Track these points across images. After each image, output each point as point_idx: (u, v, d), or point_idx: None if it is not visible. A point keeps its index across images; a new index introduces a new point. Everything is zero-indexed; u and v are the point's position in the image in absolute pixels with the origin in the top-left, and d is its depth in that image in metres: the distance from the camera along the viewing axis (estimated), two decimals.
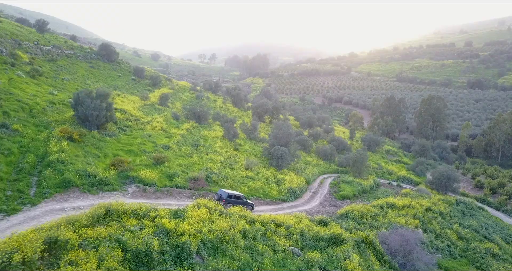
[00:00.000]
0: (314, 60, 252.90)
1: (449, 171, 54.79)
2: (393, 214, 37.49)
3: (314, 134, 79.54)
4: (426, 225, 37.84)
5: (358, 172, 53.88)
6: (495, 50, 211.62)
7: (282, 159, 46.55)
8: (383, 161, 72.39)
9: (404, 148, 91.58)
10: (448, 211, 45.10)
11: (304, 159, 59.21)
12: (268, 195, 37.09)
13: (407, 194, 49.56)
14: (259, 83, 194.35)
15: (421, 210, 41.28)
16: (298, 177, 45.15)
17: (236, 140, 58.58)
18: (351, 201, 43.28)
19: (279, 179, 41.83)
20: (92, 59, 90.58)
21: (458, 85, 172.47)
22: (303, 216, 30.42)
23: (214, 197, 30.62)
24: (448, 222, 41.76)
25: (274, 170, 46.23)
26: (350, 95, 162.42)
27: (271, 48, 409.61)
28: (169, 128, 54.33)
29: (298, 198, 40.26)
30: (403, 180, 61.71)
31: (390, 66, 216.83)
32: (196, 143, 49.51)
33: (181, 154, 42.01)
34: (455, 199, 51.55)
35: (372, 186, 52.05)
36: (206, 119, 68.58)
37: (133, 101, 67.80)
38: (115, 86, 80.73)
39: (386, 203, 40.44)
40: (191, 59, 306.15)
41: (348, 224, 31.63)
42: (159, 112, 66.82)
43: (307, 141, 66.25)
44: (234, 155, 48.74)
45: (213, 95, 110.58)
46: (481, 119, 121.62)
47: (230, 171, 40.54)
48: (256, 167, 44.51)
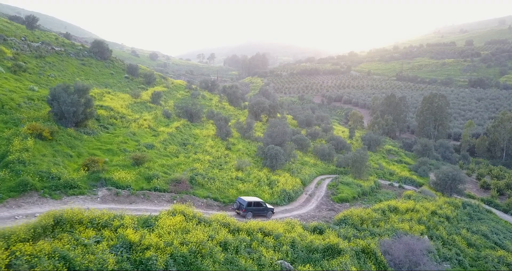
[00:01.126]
0: (313, 59, 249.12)
1: (454, 171, 51.23)
2: (396, 218, 34.01)
3: (312, 134, 76.09)
4: (432, 231, 34.38)
5: (358, 172, 50.40)
6: (496, 48, 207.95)
7: (276, 159, 43.09)
8: (384, 160, 68.90)
9: (406, 147, 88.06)
10: (455, 214, 41.62)
11: (301, 159, 55.76)
12: (259, 198, 33.59)
13: (410, 196, 46.06)
14: (258, 82, 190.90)
15: (426, 214, 37.82)
16: (293, 178, 41.66)
17: (229, 139, 55.19)
18: (350, 204, 39.82)
19: (272, 181, 38.36)
20: (84, 57, 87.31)
21: (459, 84, 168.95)
22: (296, 222, 26.95)
23: (233, 206, 29.97)
24: (456, 227, 38.29)
25: (267, 171, 42.78)
26: (349, 95, 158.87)
27: (270, 48, 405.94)
28: (158, 127, 50.97)
29: (292, 201, 36.79)
30: (405, 180, 58.24)
31: (390, 65, 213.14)
32: (185, 141, 46.09)
33: (166, 153, 38.59)
34: (461, 201, 48.08)
35: (373, 188, 48.58)
36: (199, 117, 65.21)
37: (123, 99, 64.47)
38: (106, 84, 77.50)
39: (388, 207, 36.95)
40: (190, 59, 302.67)
41: (346, 231, 28.15)
42: (149, 110, 63.52)
43: (304, 140, 62.80)
44: (225, 154, 45.29)
45: (209, 93, 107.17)
46: (483, 118, 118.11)
47: (219, 171, 37.06)
48: (248, 168, 41.07)
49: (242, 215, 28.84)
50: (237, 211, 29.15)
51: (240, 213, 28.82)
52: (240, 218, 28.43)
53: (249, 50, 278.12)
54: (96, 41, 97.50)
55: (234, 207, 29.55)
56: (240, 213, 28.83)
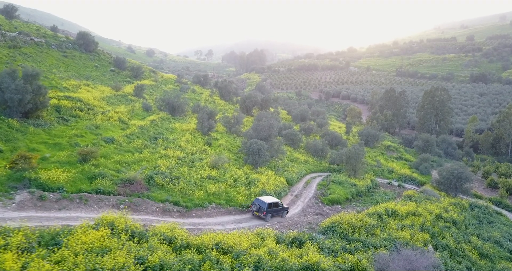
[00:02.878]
0: (312, 55, 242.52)
1: (460, 169, 45.49)
2: (394, 225, 28.34)
3: (306, 129, 70.41)
4: (438, 239, 28.73)
5: (353, 170, 44.74)
6: (498, 43, 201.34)
7: (259, 155, 37.46)
8: (382, 157, 63.21)
9: (406, 143, 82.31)
10: (462, 218, 35.95)
11: (291, 155, 50.15)
12: (232, 201, 28.03)
13: (411, 196, 40.41)
14: (255, 78, 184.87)
15: (430, 218, 32.17)
16: (277, 176, 36.03)
17: (212, 134, 49.66)
18: (341, 207, 34.23)
19: (252, 180, 32.72)
20: (67, 49, 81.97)
21: (461, 79, 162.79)
22: (268, 233, 21.33)
23: (252, 208, 27.53)
24: (464, 233, 32.66)
25: (249, 168, 37.21)
26: (348, 90, 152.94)
27: (269, 46, 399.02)
28: (131, 120, 45.43)
29: None
30: (405, 179, 52.58)
31: (390, 61, 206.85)
32: (157, 136, 40.49)
33: (128, 148, 33.00)
34: (468, 202, 42.41)
35: (369, 187, 42.95)
36: (182, 111, 59.72)
37: (102, 92, 59.20)
38: (88, 76, 72.03)
39: (385, 210, 31.28)
40: (188, 56, 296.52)
41: (333, 242, 22.54)
42: (129, 103, 58.05)
43: (295, 135, 57.13)
44: (202, 150, 39.69)
45: (201, 88, 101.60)
46: (486, 114, 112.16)
47: (188, 170, 31.47)
48: (226, 165, 35.47)
49: (263, 218, 27.06)
50: (256, 213, 27.17)
51: (261, 216, 27.00)
52: (257, 220, 26.86)
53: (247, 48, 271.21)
54: (81, 32, 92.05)
55: (253, 209, 27.23)
56: (260, 215, 26.99)
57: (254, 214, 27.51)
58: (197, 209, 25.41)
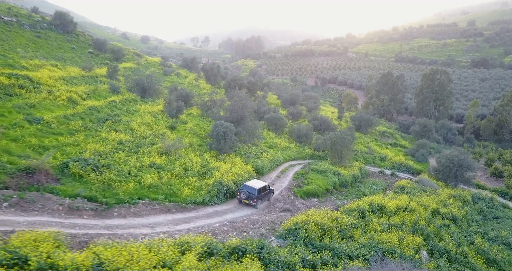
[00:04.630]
0: (309, 42, 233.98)
1: (461, 156, 39.21)
2: (379, 225, 22.21)
3: (294, 113, 63.97)
4: (434, 241, 22.63)
5: (338, 157, 38.49)
6: (500, 28, 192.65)
7: (224, 140, 31.22)
8: (375, 143, 56.87)
9: (402, 129, 75.87)
10: (464, 213, 29.81)
11: (271, 141, 43.92)
12: (174, 196, 21.84)
13: (404, 187, 34.25)
14: (250, 64, 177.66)
15: (425, 214, 26.01)
16: (244, 165, 29.85)
17: (180, 116, 43.41)
18: (318, 201, 28.06)
19: (210, 169, 26.54)
20: (42, 29, 75.62)
21: (462, 64, 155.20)
22: (197, 241, 15.15)
23: (240, 196, 24.27)
24: (466, 233, 26.55)
25: (211, 155, 31.05)
26: (345, 76, 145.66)
27: (267, 33, 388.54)
28: (87, 100, 39.15)
29: (233, 197, 25.04)
30: (400, 167, 46.38)
31: (389, 46, 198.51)
32: (108, 117, 34.22)
33: (59, 130, 26.77)
34: (470, 194, 36.26)
35: (357, 176, 36.76)
36: (156, 93, 53.58)
37: (68, 72, 53.09)
38: (60, 57, 65.60)
39: (370, 205, 25.09)
40: (184, 43, 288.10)
41: (290, 253, 16.43)
42: (95, 84, 51.82)
43: (279, 119, 50.79)
44: (160, 134, 33.48)
45: (187, 71, 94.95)
46: (488, 99, 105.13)
47: (127, 156, 25.29)
48: (181, 151, 29.29)
49: (253, 205, 24.26)
50: (245, 201, 24.11)
51: (252, 203, 24.07)
52: (244, 207, 23.79)
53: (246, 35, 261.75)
54: (58, 12, 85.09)
55: (242, 197, 24.15)
56: (251, 203, 24.05)
57: (242, 202, 24.48)
58: (122, 206, 19.29)
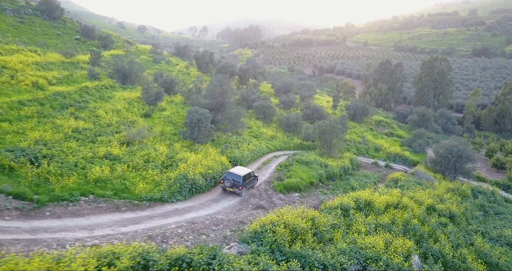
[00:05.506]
0: (308, 31, 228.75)
1: (460, 146, 35.94)
2: (364, 225, 19.01)
3: (287, 102, 60.54)
4: (428, 243, 19.50)
5: (328, 147, 35.24)
6: (502, 17, 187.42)
7: (199, 128, 27.94)
8: (370, 133, 53.56)
9: (400, 119, 72.44)
10: (463, 209, 26.62)
11: (257, 130, 40.66)
12: (127, 192, 18.66)
13: (397, 180, 31.06)
14: (248, 54, 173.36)
15: (419, 212, 22.83)
16: (219, 156, 26.62)
17: (160, 104, 40.12)
18: (300, 195, 24.88)
19: (176, 160, 23.32)
20: (26, 15, 71.96)
21: (462, 53, 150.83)
22: (129, 251, 12.00)
23: (224, 184, 23.05)
24: (465, 232, 23.40)
25: (184, 145, 27.82)
26: (343, 65, 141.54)
27: (267, 23, 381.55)
28: (57, 85, 35.83)
29: (201, 193, 21.89)
30: (395, 158, 43.17)
31: (388, 36, 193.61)
32: (73, 103, 30.93)
33: (6, 117, 23.52)
34: (470, 187, 33.06)
35: (347, 168, 33.56)
36: (139, 79, 50.27)
37: (46, 58, 49.88)
38: (42, 43, 62.17)
39: (356, 202, 21.90)
40: (182, 33, 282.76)
41: (251, 261, 13.28)
42: (73, 70, 48.44)
43: (268, 108, 47.42)
44: (130, 122, 30.23)
45: (179, 59, 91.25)
46: (489, 88, 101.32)
47: (79, 146, 22.07)
48: (148, 140, 26.08)
49: (238, 193, 23.05)
50: (230, 189, 22.92)
51: (237, 192, 22.88)
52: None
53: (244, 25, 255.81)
54: None
55: (226, 185, 22.95)
56: (236, 191, 22.84)
57: (226, 190, 23.20)
58: (58, 204, 16.14)
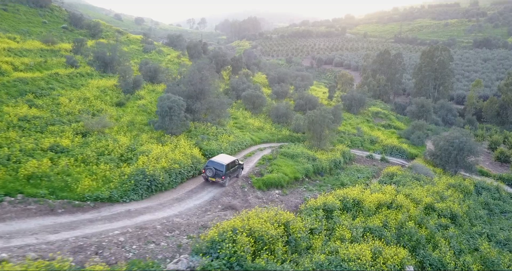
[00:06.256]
0: (307, 23, 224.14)
1: (462, 137, 32.75)
2: (349, 230, 15.83)
3: (280, 92, 57.28)
4: (426, 251, 16.44)
5: (317, 139, 32.04)
6: (504, 8, 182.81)
7: (170, 117, 24.74)
8: (366, 125, 50.31)
9: (398, 110, 69.11)
10: (466, 208, 23.48)
11: (243, 121, 37.46)
12: (67, 190, 15.55)
13: (392, 175, 27.89)
14: (246, 45, 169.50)
15: (416, 212, 19.72)
16: (190, 148, 23.45)
17: (138, 92, 36.91)
18: (281, 193, 21.75)
19: (137, 153, 20.19)
20: (11, 2, 68.95)
21: (463, 45, 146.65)
22: None
23: (206, 174, 21.35)
24: (469, 235, 20.31)
25: (153, 136, 24.67)
26: (341, 57, 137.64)
27: (267, 16, 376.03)
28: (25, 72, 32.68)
29: (162, 191, 18.75)
30: (392, 151, 39.98)
31: (388, 27, 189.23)
32: (34, 90, 27.72)
33: None
34: (472, 182, 29.90)
35: (338, 162, 30.37)
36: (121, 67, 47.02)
37: (25, 45, 47.05)
38: (25, 31, 59.06)
39: (342, 201, 18.76)
40: (181, 25, 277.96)
41: None
42: (50, 57, 45.22)
43: (257, 97, 44.11)
44: (97, 110, 27.05)
45: (171, 49, 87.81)
46: (491, 80, 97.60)
47: (22, 136, 18.94)
48: (110, 130, 22.93)
49: (221, 183, 21.57)
50: (212, 179, 21.39)
51: (220, 181, 21.38)
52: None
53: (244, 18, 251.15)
54: None
55: (208, 175, 21.44)
56: (219, 181, 21.36)
57: (209, 180, 21.63)
58: None
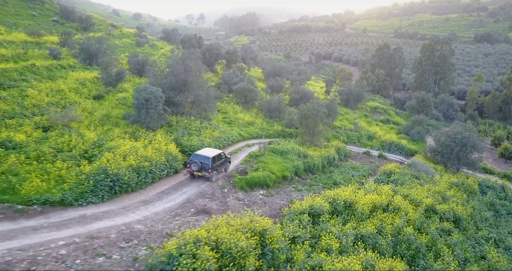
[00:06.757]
0: (307, 18, 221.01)
1: (465, 133, 30.46)
2: (336, 239, 13.62)
3: (275, 86, 54.89)
4: (426, 261, 14.22)
5: (310, 134, 29.73)
6: (505, 2, 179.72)
7: (147, 110, 22.47)
8: (364, 120, 47.97)
9: (398, 105, 66.72)
10: (470, 210, 21.24)
11: (233, 116, 35.16)
12: (10, 193, 13.32)
13: (390, 173, 25.63)
14: (244, 41, 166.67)
15: (415, 216, 17.47)
16: (165, 144, 21.17)
17: (121, 85, 34.64)
18: (266, 193, 19.47)
19: (104, 150, 17.95)
20: None
21: (464, 40, 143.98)
22: None
23: (191, 168, 19.34)
24: (474, 240, 18.10)
25: (128, 131, 22.42)
26: (340, 52, 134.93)
27: (266, 11, 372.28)
28: None
29: (129, 192, 16.49)
30: (390, 147, 37.67)
31: (388, 22, 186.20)
32: (2, 81, 25.46)
33: None
34: (476, 181, 27.64)
35: (331, 159, 28.08)
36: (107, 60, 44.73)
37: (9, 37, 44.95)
38: (11, 24, 56.70)
39: (331, 204, 16.49)
40: (179, 21, 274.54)
41: None
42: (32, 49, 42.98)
43: (250, 91, 41.72)
44: (70, 103, 24.80)
45: (165, 43, 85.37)
46: (492, 74, 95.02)
47: None
48: (75, 124, 20.69)
49: (208, 177, 19.75)
50: (198, 173, 19.58)
51: (206, 175, 19.54)
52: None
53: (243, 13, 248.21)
54: None
55: (193, 170, 19.57)
56: (205, 175, 19.50)
57: (195, 175, 19.88)
58: None
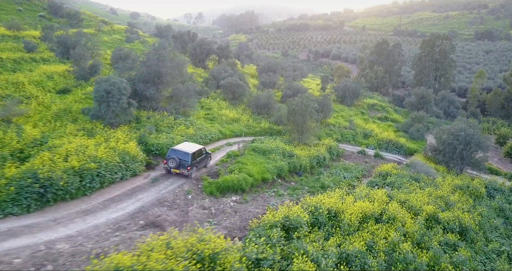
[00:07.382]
0: (305, 16, 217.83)
1: (469, 130, 27.49)
2: (313, 263, 10.74)
3: (267, 82, 51.94)
4: None
5: (299, 132, 26.78)
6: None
7: (108, 104, 19.54)
8: (360, 117, 44.96)
9: (397, 103, 63.73)
10: (478, 218, 18.27)
11: (217, 112, 32.23)
12: None
13: (386, 175, 22.65)
14: (241, 39, 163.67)
15: (414, 227, 14.53)
16: (128, 142, 18.27)
17: (94, 78, 31.77)
18: (240, 200, 16.47)
19: (46, 148, 15.09)
20: None
21: (464, 37, 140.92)
22: None
23: (168, 165, 17.44)
24: (483, 255, 15.15)
25: (87, 127, 19.54)
26: (339, 49, 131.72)
27: (265, 10, 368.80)
28: None
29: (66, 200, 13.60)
30: (388, 146, 34.73)
31: (388, 20, 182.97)
32: None
33: None
34: (483, 183, 24.66)
35: (321, 159, 25.10)
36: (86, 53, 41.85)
37: None
38: None
39: (313, 213, 13.55)
40: (178, 20, 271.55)
41: None
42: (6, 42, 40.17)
43: (238, 86, 38.77)
44: (27, 96, 21.93)
45: (157, 40, 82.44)
46: (494, 72, 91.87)
47: None
48: (18, 119, 17.80)
49: (187, 175, 17.50)
50: (175, 170, 17.30)
51: (185, 173, 17.30)
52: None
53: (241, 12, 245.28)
54: None
55: (170, 166, 17.31)
56: (184, 172, 17.26)
57: (171, 172, 17.81)
58: None
